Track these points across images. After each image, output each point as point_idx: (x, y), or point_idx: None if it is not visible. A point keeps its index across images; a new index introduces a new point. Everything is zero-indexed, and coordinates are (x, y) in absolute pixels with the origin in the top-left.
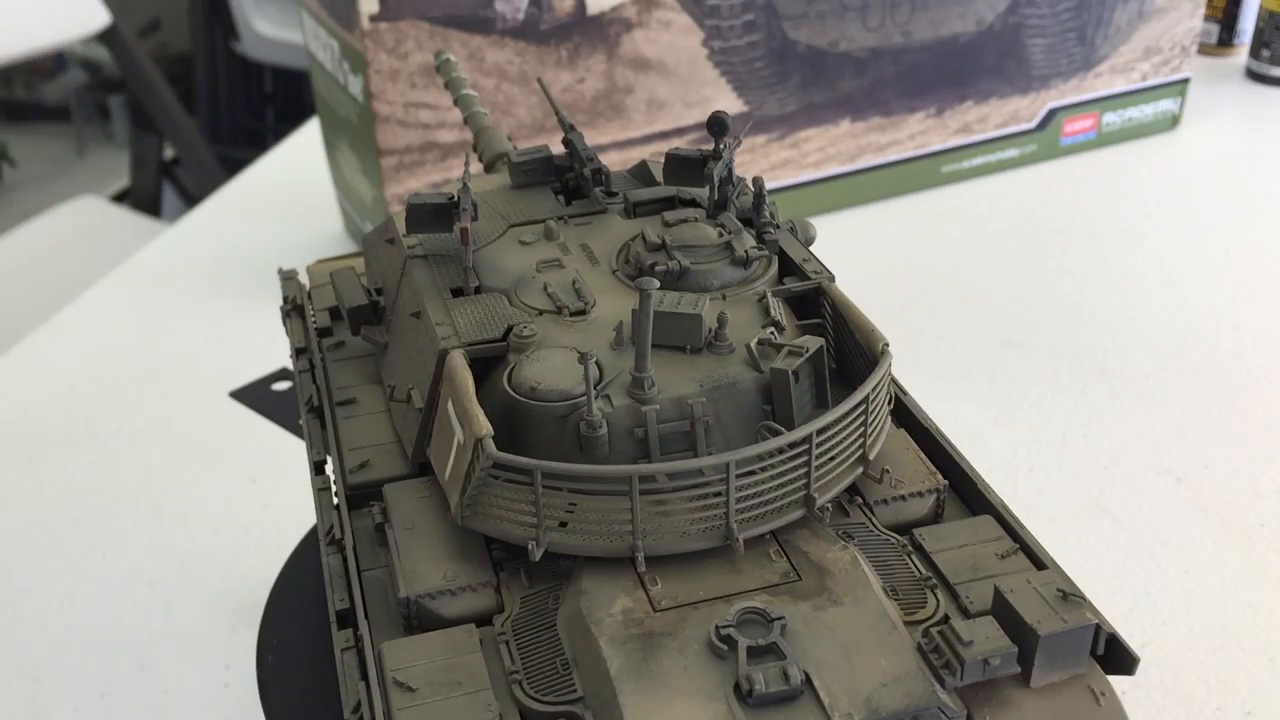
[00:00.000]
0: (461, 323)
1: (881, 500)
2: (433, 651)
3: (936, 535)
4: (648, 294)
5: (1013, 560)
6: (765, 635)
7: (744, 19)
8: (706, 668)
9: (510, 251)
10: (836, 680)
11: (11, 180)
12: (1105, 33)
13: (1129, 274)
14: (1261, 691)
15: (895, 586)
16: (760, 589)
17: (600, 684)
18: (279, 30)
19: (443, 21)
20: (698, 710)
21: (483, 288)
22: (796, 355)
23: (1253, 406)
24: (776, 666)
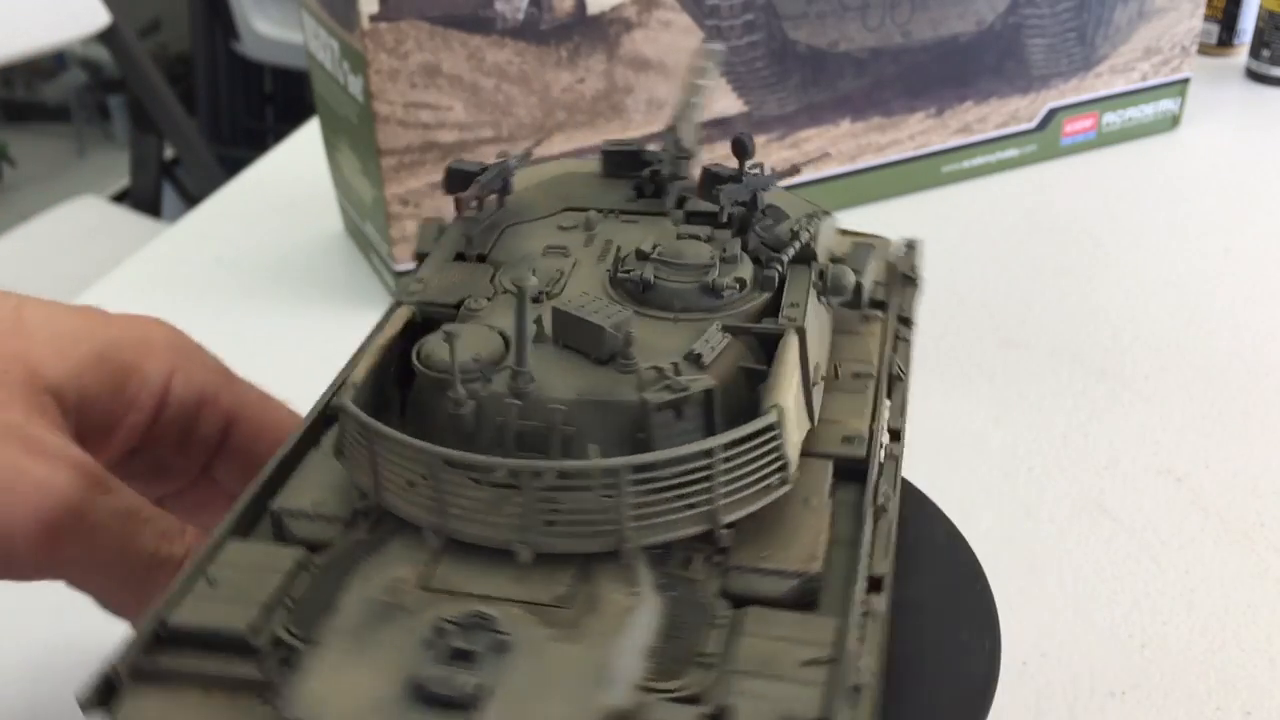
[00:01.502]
0: (435, 284)
1: (737, 566)
2: (256, 559)
3: (765, 619)
4: (523, 290)
5: (808, 671)
6: (478, 643)
7: (744, 19)
8: (413, 652)
9: (540, 232)
10: (507, 710)
11: (11, 180)
12: (1105, 33)
13: (1129, 274)
14: (1262, 691)
15: (666, 651)
16: (523, 602)
17: (321, 631)
18: (279, 30)
19: (443, 21)
20: (368, 684)
21: (490, 259)
22: (673, 391)
23: (1253, 406)
24: (464, 675)
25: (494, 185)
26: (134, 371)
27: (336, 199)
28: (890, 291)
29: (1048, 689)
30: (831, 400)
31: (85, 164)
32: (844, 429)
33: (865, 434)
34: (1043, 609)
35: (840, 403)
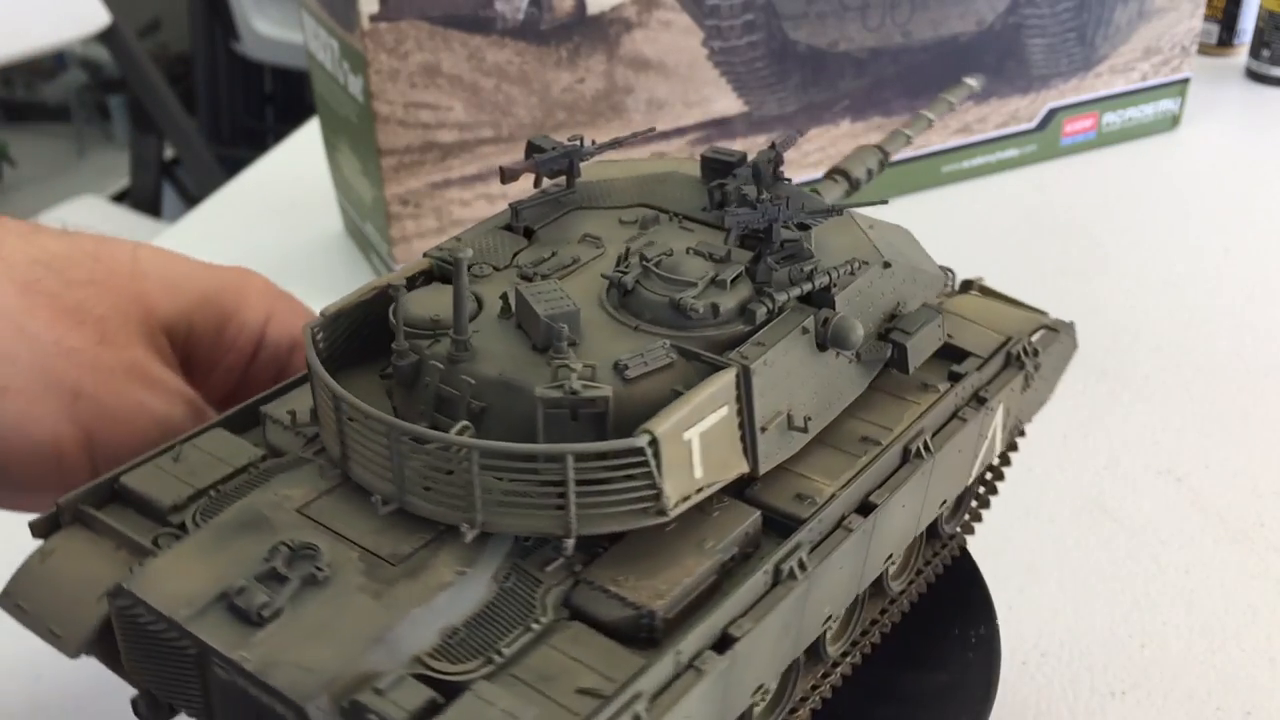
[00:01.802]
0: (469, 248)
1: (588, 580)
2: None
3: (578, 638)
4: (459, 261)
5: (576, 699)
6: (296, 571)
7: (744, 19)
8: (247, 563)
9: (597, 220)
10: (279, 638)
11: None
12: (1105, 33)
13: (1129, 274)
14: (1262, 691)
15: (467, 636)
16: (364, 550)
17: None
18: (279, 30)
19: (443, 21)
20: (198, 578)
21: (536, 235)
22: (564, 392)
23: (1253, 406)
24: (263, 595)
25: (553, 166)
26: (233, 316)
27: (336, 199)
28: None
29: (1048, 689)
30: (816, 455)
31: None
32: (805, 486)
33: (822, 497)
34: (1043, 609)
35: (824, 460)
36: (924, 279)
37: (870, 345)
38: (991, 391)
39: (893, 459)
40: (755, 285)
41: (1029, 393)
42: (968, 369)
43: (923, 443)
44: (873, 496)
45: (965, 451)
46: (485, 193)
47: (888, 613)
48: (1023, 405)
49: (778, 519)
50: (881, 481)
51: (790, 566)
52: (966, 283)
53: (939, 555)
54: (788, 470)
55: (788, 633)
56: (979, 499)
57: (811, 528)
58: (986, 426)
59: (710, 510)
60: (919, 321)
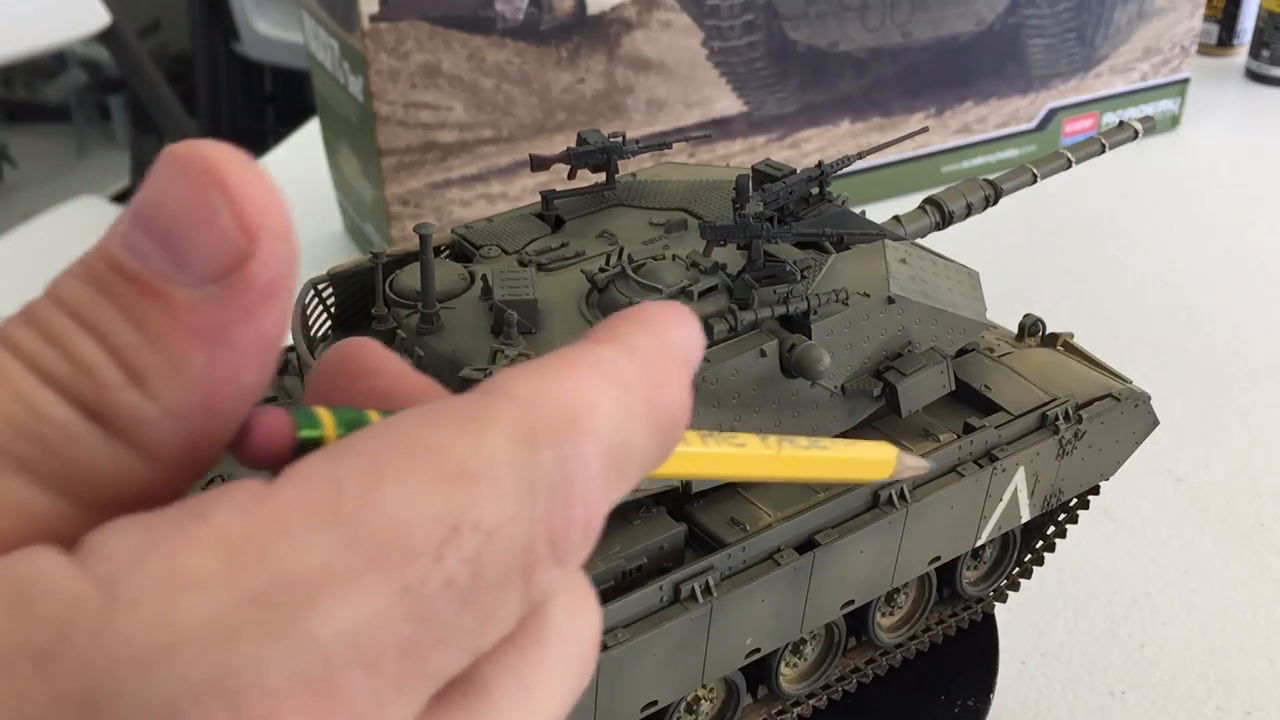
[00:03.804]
0: (489, 227)
1: None
2: None
3: None
4: (424, 237)
5: None
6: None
7: (744, 19)
8: None
9: (627, 219)
10: None
11: (11, 180)
12: (1105, 33)
13: (1129, 274)
14: (1262, 691)
15: None
16: None
17: None
18: (279, 30)
19: (443, 21)
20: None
21: (564, 225)
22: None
23: (1253, 406)
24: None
25: (588, 160)
26: None
27: (336, 199)
28: (1017, 426)
29: (1048, 689)
30: (775, 483)
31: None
32: (745, 511)
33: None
34: (1043, 609)
35: (780, 490)
36: (951, 323)
37: (860, 380)
38: (1007, 451)
39: (857, 501)
40: (733, 301)
41: (1068, 461)
42: (987, 423)
43: (897, 490)
44: (820, 536)
45: (962, 509)
46: (485, 193)
47: (874, 663)
48: (1061, 474)
49: (703, 538)
50: (838, 523)
51: (693, 587)
52: (1051, 336)
53: (956, 617)
54: (738, 493)
55: (685, 654)
56: (1022, 567)
57: (733, 554)
58: (999, 488)
59: (633, 518)
60: (919, 364)
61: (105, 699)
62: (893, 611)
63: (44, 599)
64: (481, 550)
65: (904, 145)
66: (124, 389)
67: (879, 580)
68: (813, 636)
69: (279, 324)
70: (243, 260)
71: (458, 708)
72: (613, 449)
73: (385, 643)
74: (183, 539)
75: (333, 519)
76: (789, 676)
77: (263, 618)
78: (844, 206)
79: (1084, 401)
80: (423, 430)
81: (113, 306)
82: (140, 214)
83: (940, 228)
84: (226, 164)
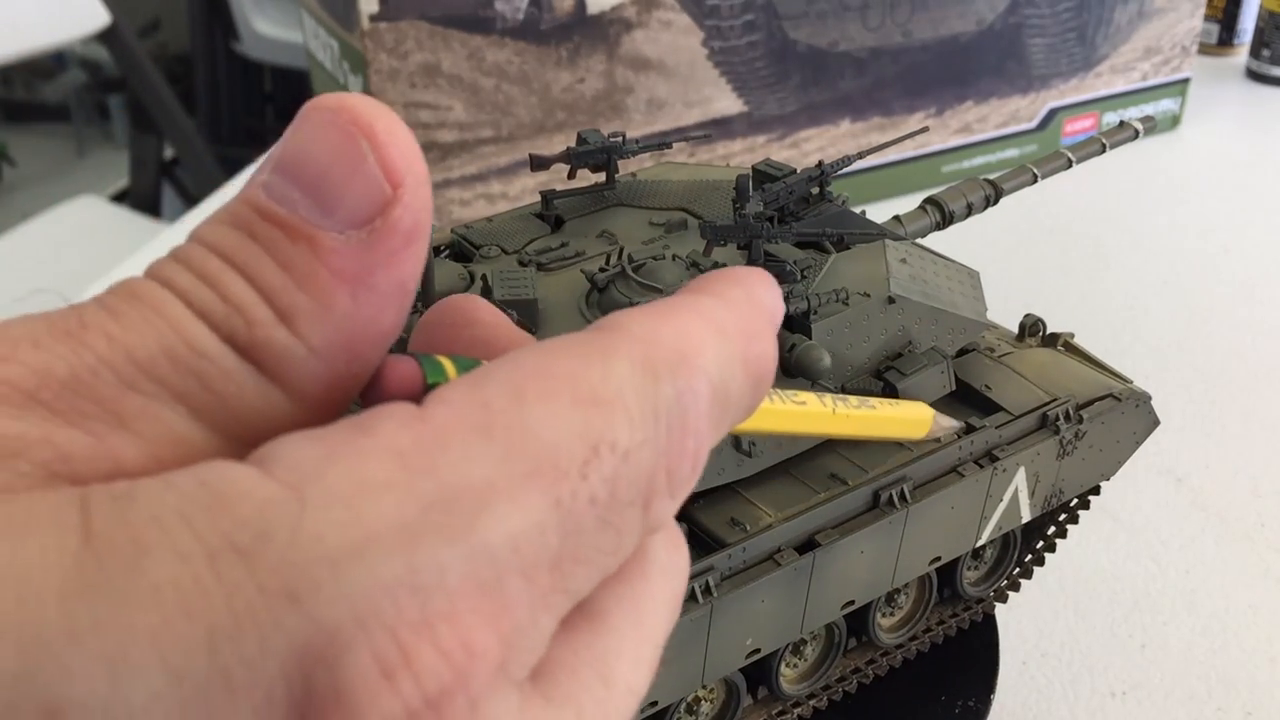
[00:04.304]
0: (489, 227)
1: None
2: None
3: None
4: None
5: None
6: None
7: (744, 19)
8: None
9: (628, 218)
10: None
11: (11, 180)
12: (1105, 33)
13: (1129, 274)
14: (1263, 692)
15: None
16: None
17: None
18: (279, 30)
19: (443, 21)
20: None
21: (564, 224)
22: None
23: (1253, 406)
24: None
25: (588, 160)
26: None
27: None
28: (1017, 426)
29: (1048, 689)
30: (775, 483)
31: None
32: (745, 512)
33: (755, 525)
34: (1043, 609)
35: (781, 490)
36: (951, 322)
37: (860, 380)
38: (1007, 452)
39: (858, 501)
40: None
41: (1069, 461)
42: (987, 423)
43: (898, 491)
44: (820, 536)
45: (963, 510)
46: (485, 193)
47: (875, 664)
48: (1062, 474)
49: (703, 538)
50: (839, 523)
51: (694, 588)
52: (1052, 336)
53: (956, 617)
54: (738, 493)
55: (685, 654)
56: (1022, 568)
57: (733, 554)
58: (999, 488)
59: None
60: (919, 364)
61: (307, 592)
62: (893, 612)
63: (241, 500)
64: (618, 471)
65: (904, 145)
66: (274, 327)
67: (879, 581)
68: (813, 637)
69: (418, 268)
70: (388, 205)
71: (582, 630)
72: (718, 389)
73: (541, 553)
74: (358, 449)
75: (487, 435)
76: (789, 677)
77: (440, 521)
78: (844, 206)
79: (1085, 402)
80: (551, 360)
81: (261, 249)
82: (285, 162)
83: (940, 227)
84: (372, 113)
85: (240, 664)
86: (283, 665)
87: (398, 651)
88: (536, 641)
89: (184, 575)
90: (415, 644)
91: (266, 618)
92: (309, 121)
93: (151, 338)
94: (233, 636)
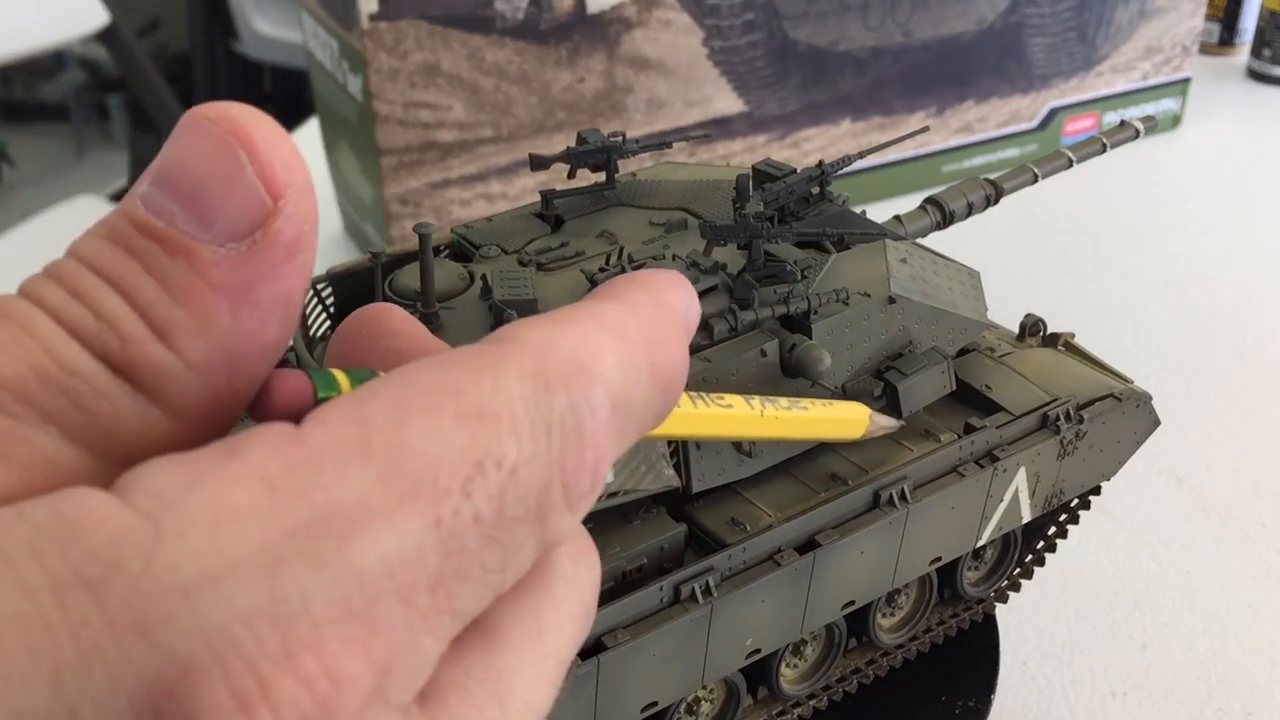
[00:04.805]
0: (488, 227)
1: None
2: None
3: None
4: (423, 236)
5: None
6: None
7: (744, 18)
8: None
9: (628, 218)
10: None
11: (10, 180)
12: (1106, 32)
13: (1129, 274)
14: (1263, 692)
15: None
16: None
17: None
18: (279, 30)
19: (443, 21)
20: None
21: (564, 224)
22: None
23: (1254, 406)
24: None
25: (587, 160)
26: None
27: (336, 199)
28: (1018, 426)
29: (1048, 689)
30: (775, 483)
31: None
32: (745, 512)
33: (756, 525)
34: (1043, 609)
35: (781, 490)
36: (952, 322)
37: (861, 380)
38: (1008, 452)
39: (858, 502)
40: (734, 301)
41: (1070, 461)
42: (988, 423)
43: (898, 490)
44: (820, 536)
45: (963, 510)
46: (484, 193)
47: (875, 664)
48: (1062, 474)
49: (704, 539)
50: (839, 523)
51: (694, 588)
52: (1053, 336)
53: (957, 617)
54: (737, 493)
55: (685, 654)
56: (1023, 568)
57: (733, 554)
58: (1000, 488)
59: (632, 518)
60: (920, 364)
61: (158, 624)
62: (893, 612)
63: (93, 531)
64: (505, 487)
65: (904, 145)
66: (149, 343)
67: (880, 581)
68: (813, 637)
69: (302, 280)
70: (268, 217)
71: (477, 649)
72: (618, 399)
73: (419, 575)
74: (222, 474)
75: (363, 455)
76: (789, 677)
77: (306, 547)
78: (844, 206)
79: (1085, 402)
80: (440, 374)
81: (137, 264)
82: (163, 174)
83: (941, 227)
84: (252, 122)
85: (87, 701)
86: (131, 700)
87: (255, 684)
88: (420, 664)
89: (28, 610)
90: (274, 675)
91: (114, 652)
92: (187, 132)
93: (20, 357)
94: (78, 672)
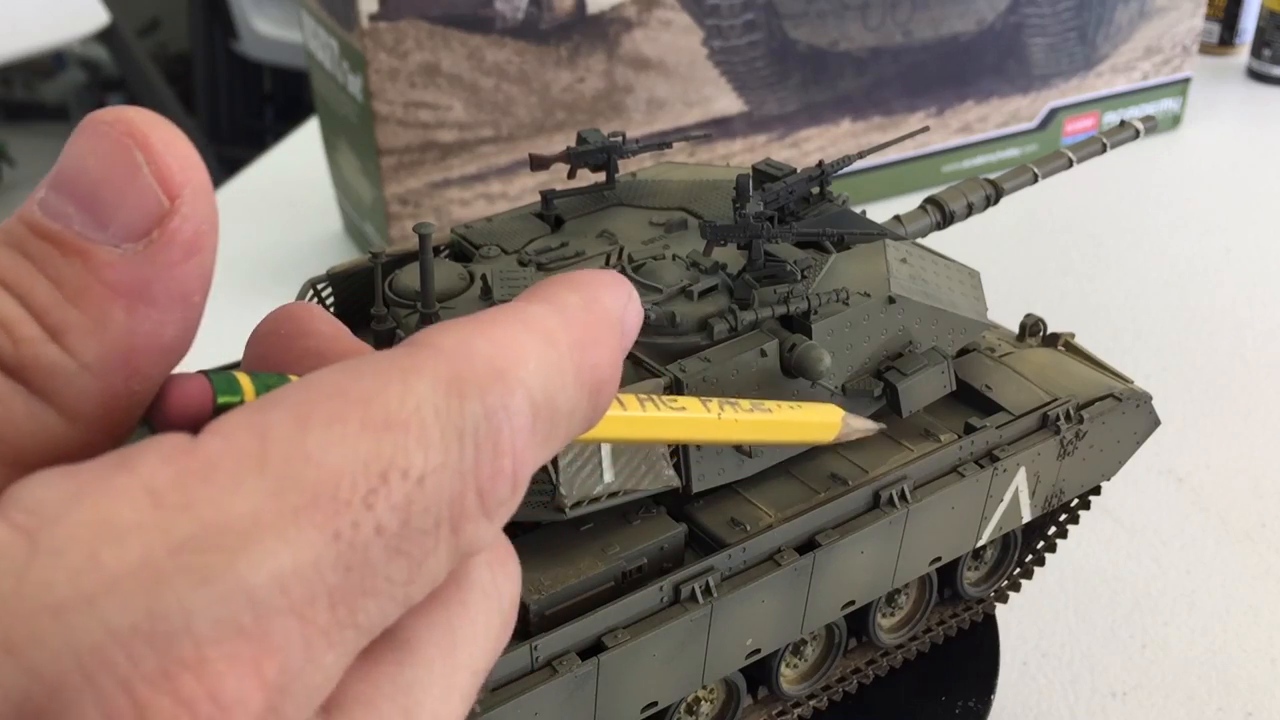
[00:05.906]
0: (488, 227)
1: None
2: None
3: None
4: (423, 236)
5: None
6: None
7: (744, 18)
8: None
9: (627, 218)
10: None
11: (11, 180)
12: (1106, 32)
13: (1129, 274)
14: (1263, 692)
15: None
16: None
17: None
18: (279, 30)
19: (443, 21)
20: None
21: (564, 224)
22: None
23: (1254, 406)
24: None
25: (587, 160)
26: None
27: (336, 199)
28: (1018, 426)
29: (1048, 689)
30: (775, 484)
31: None
32: (746, 512)
33: (756, 525)
34: (1044, 609)
35: (782, 490)
36: (952, 322)
37: (861, 380)
38: (1008, 452)
39: (858, 502)
40: (734, 301)
41: (1070, 461)
42: (988, 423)
43: (898, 490)
44: (820, 536)
45: (963, 510)
46: (484, 192)
47: (875, 664)
48: (1062, 474)
49: (704, 539)
50: (839, 523)
51: (694, 588)
52: (1053, 336)
53: (957, 617)
54: (738, 493)
55: (685, 654)
56: (1023, 568)
57: (733, 554)
58: (1000, 488)
59: (633, 518)
60: (920, 364)
61: (27, 643)
62: (893, 612)
63: None
64: (411, 498)
65: (904, 145)
66: (42, 344)
67: (880, 581)
68: (813, 637)
69: (201, 281)
70: (165, 217)
71: (387, 662)
72: (540, 404)
73: (317, 590)
74: (108, 488)
75: (259, 467)
76: (789, 677)
77: (190, 564)
78: (844, 206)
79: (1085, 402)
80: (348, 381)
81: (31, 266)
82: (60, 177)
83: (941, 227)
84: (148, 124)
85: None
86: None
87: (130, 705)
88: (320, 681)
89: None
90: (150, 696)
91: None
92: (84, 135)
93: None
94: None
